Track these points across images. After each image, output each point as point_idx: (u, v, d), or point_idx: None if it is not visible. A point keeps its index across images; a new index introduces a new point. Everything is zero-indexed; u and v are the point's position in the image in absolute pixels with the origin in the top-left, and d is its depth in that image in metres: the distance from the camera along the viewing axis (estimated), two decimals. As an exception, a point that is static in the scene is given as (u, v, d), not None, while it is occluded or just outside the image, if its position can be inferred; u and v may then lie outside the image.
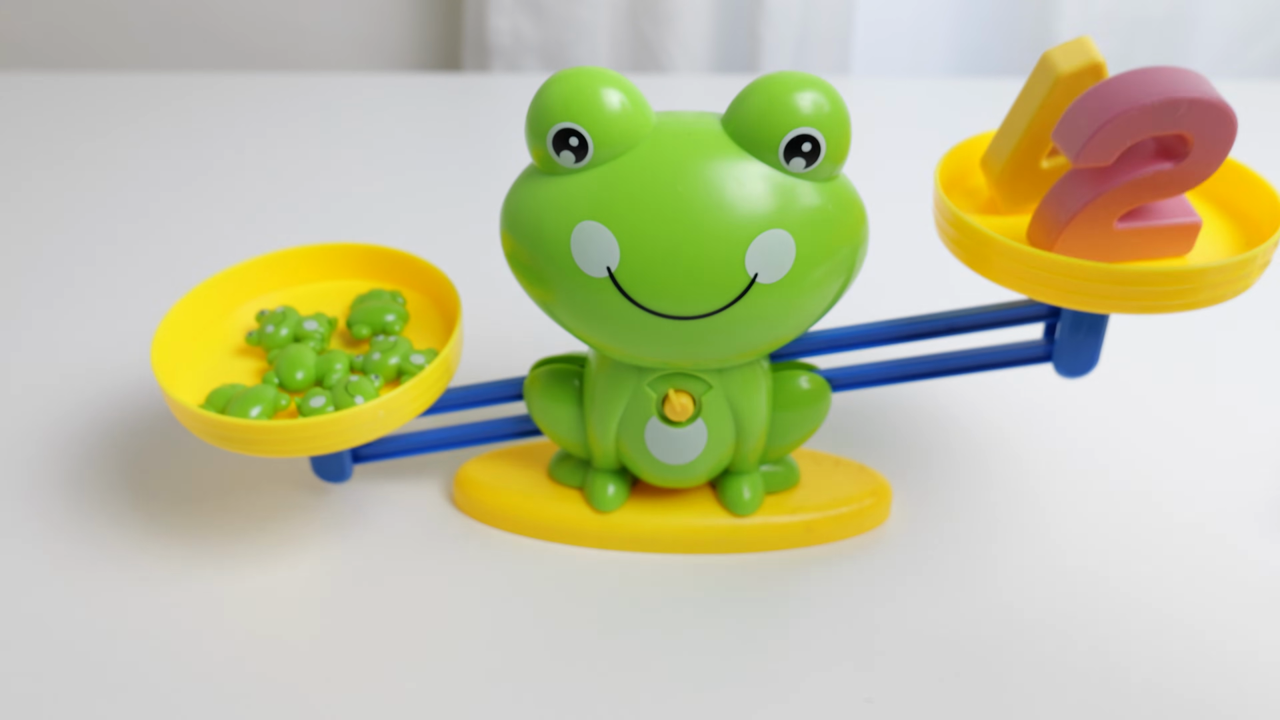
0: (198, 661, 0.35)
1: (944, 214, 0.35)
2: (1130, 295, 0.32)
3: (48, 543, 0.40)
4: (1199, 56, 0.95)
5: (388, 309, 0.40)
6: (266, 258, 0.42)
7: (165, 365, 0.37)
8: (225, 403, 0.36)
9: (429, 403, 0.37)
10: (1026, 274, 0.32)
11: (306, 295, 0.42)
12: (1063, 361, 0.38)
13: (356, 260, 0.42)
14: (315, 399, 0.36)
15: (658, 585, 0.38)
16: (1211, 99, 0.30)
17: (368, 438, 0.36)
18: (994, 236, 0.33)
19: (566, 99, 0.31)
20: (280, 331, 0.39)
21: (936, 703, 0.34)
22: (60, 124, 0.75)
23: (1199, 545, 0.40)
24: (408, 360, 0.37)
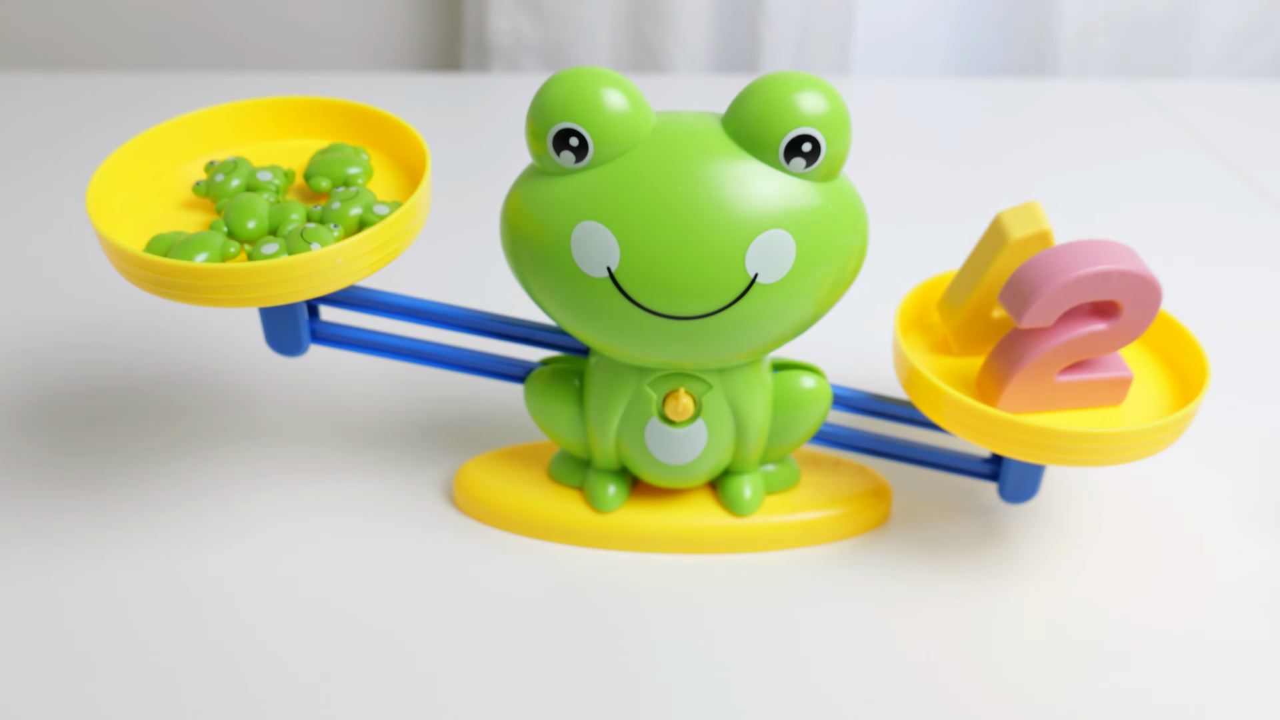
0: (187, 662, 0.35)
1: (901, 360, 0.37)
2: (1064, 451, 0.34)
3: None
4: (1199, 56, 0.95)
5: (350, 162, 0.37)
6: (220, 108, 0.39)
7: (103, 213, 0.34)
8: (168, 248, 0.33)
9: (392, 256, 0.34)
10: (973, 425, 0.35)
11: (262, 152, 0.39)
12: (1006, 489, 0.40)
13: (317, 114, 0.39)
14: (268, 246, 0.33)
15: (658, 585, 0.38)
16: (1137, 272, 0.34)
17: (323, 289, 0.33)
18: (944, 388, 0.35)
19: (567, 99, 0.31)
20: (231, 181, 0.36)
21: (936, 703, 0.34)
22: (60, 124, 0.75)
23: (1199, 545, 0.40)
24: (371, 210, 0.34)
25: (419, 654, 0.36)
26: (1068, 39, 0.91)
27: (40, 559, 0.39)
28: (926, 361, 0.39)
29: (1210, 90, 0.87)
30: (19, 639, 0.36)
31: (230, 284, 0.32)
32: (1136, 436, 0.34)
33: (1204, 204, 0.67)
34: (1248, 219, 0.65)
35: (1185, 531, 0.41)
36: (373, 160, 0.38)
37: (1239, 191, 0.68)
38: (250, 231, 0.34)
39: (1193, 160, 0.73)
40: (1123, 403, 0.37)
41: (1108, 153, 0.74)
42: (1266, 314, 0.55)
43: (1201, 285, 0.57)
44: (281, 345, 0.39)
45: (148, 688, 0.34)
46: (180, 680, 0.35)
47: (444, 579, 0.38)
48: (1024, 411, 0.36)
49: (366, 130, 0.39)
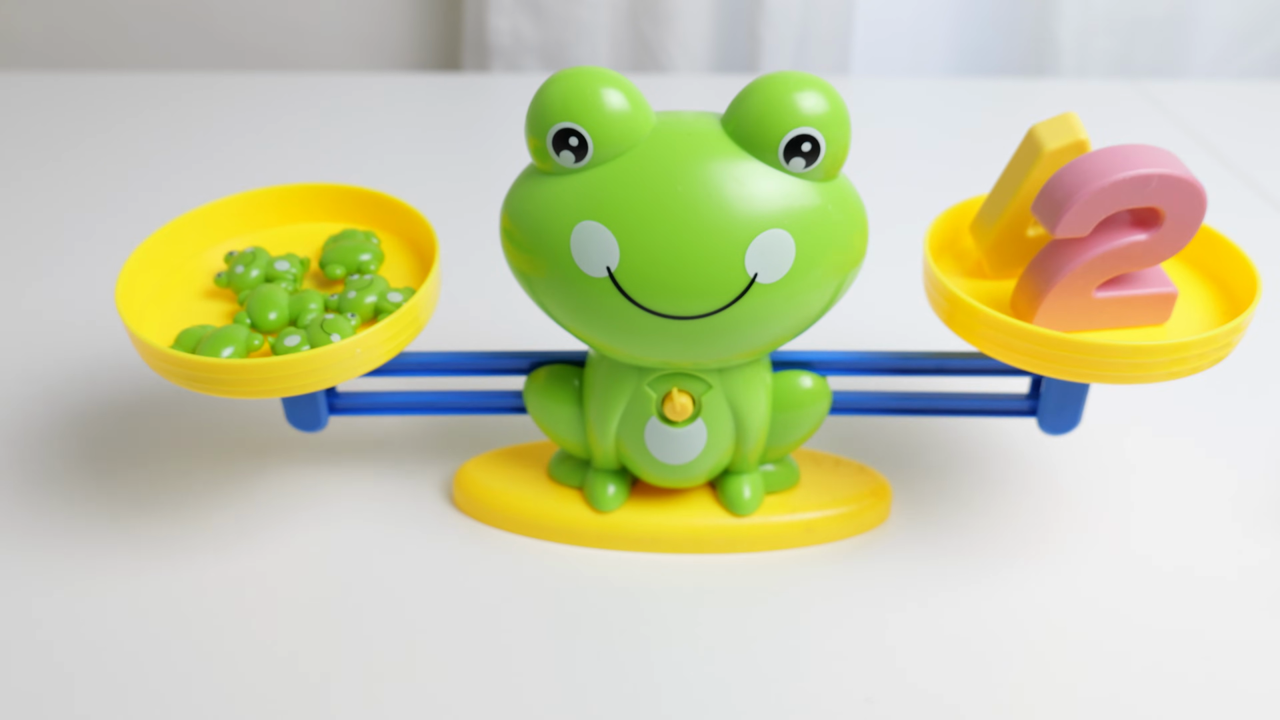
0: (188, 661, 0.35)
1: (933, 283, 0.36)
2: (1105, 367, 0.33)
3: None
4: (1199, 56, 0.95)
5: (362, 248, 0.38)
6: (235, 198, 0.40)
7: (131, 307, 0.36)
8: (195, 343, 0.34)
9: (406, 341, 0.36)
10: (1010, 344, 0.34)
11: (277, 237, 0.40)
12: (1046, 420, 0.39)
13: (328, 201, 0.41)
14: (290, 338, 0.34)
15: (657, 585, 0.38)
16: (1180, 175, 0.32)
17: (343, 377, 0.34)
18: (980, 308, 0.34)
19: (566, 99, 0.31)
20: (251, 272, 0.37)
21: (937, 703, 0.34)
22: (60, 124, 0.75)
23: (1198, 544, 0.40)
24: (385, 298, 0.36)
25: (419, 654, 0.36)
26: (1068, 39, 0.91)
27: (49, 569, 0.39)
28: (960, 286, 0.36)
29: (1210, 90, 0.87)
30: (39, 646, 0.36)
31: (255, 378, 0.33)
32: (1184, 349, 0.32)
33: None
34: (1248, 219, 0.65)
35: (1188, 531, 0.41)
36: (383, 243, 0.40)
37: (1239, 191, 0.68)
38: (272, 323, 0.36)
39: (1193, 160, 0.73)
40: (1167, 322, 0.35)
41: (1108, 153, 0.74)
42: (1266, 314, 0.55)
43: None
44: (302, 423, 0.40)
45: (149, 687, 0.34)
46: (181, 680, 0.35)
47: (444, 579, 0.38)
48: (1063, 331, 0.34)
49: (375, 214, 0.41)
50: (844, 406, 0.40)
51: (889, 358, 0.40)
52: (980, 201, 0.39)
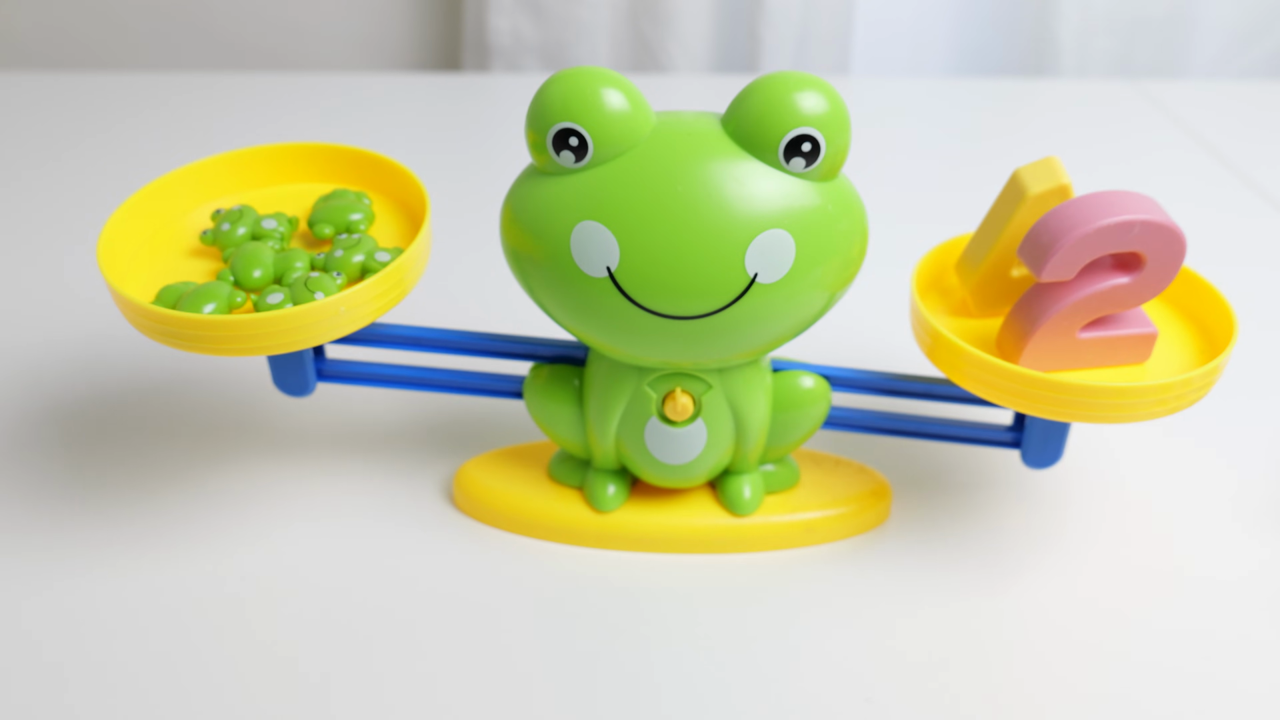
0: (187, 662, 0.35)
1: (919, 320, 0.37)
2: (1088, 407, 0.33)
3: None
4: (1199, 56, 0.95)
5: (353, 208, 0.38)
6: (223, 156, 0.39)
7: (113, 264, 0.35)
8: (176, 299, 0.34)
9: (394, 302, 0.35)
10: (993, 382, 0.34)
11: (266, 197, 0.40)
12: (1030, 454, 0.39)
13: (320, 160, 0.40)
14: (273, 295, 0.34)
15: (658, 585, 0.38)
16: (1162, 221, 0.33)
17: (327, 336, 0.34)
18: (964, 347, 0.35)
19: (566, 99, 0.31)
20: (237, 230, 0.37)
21: (936, 702, 0.34)
22: (60, 124, 0.75)
23: (1198, 543, 0.40)
24: (372, 257, 0.35)
25: (419, 654, 0.36)
26: (1068, 39, 0.91)
27: (49, 566, 0.39)
28: (945, 324, 0.37)
29: (1210, 90, 0.87)
30: (31, 647, 0.36)
31: (237, 334, 0.33)
32: (1163, 390, 0.33)
33: (1204, 204, 0.67)
34: (1248, 219, 0.65)
35: (1188, 531, 0.41)
36: (374, 204, 0.39)
37: (1239, 191, 0.68)
38: (256, 280, 0.35)
39: (1193, 160, 0.73)
40: (1148, 361, 0.36)
41: (1108, 153, 0.74)
42: (1267, 313, 0.55)
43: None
44: (289, 386, 0.40)
45: (149, 687, 0.34)
46: (182, 679, 0.35)
47: (444, 579, 0.38)
48: (1046, 370, 0.35)
49: (368, 174, 0.40)
50: (833, 421, 0.40)
51: (878, 378, 0.40)
52: (966, 240, 0.40)
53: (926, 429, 0.41)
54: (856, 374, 0.40)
